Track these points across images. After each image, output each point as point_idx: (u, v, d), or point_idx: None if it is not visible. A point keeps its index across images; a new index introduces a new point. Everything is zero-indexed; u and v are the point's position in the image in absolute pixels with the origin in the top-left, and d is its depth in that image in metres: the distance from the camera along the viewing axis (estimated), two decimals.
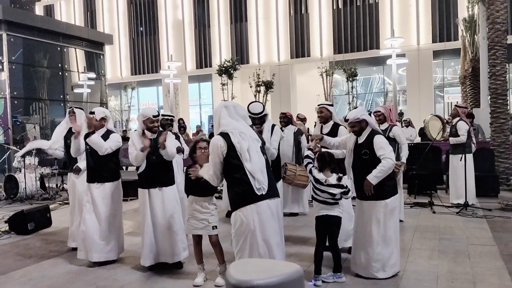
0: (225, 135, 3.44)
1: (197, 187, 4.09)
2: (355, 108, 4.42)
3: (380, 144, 4.08)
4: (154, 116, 4.61)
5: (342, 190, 3.94)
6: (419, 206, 7.40)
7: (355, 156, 4.27)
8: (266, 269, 2.54)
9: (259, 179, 3.33)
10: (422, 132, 12.13)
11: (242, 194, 3.35)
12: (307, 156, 4.16)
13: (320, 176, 3.99)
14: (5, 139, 12.91)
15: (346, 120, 4.31)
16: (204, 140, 4.21)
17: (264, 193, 3.34)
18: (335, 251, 4.06)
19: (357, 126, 4.19)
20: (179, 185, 5.10)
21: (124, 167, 14.49)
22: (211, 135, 13.88)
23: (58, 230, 6.58)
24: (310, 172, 4.04)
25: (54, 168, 10.59)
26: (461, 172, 7.16)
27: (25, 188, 9.40)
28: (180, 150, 5.78)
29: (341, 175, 4.01)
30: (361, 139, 4.23)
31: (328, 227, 4.04)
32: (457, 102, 9.38)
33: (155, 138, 4.57)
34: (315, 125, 10.48)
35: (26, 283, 4.42)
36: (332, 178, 3.97)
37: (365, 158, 4.13)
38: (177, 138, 5.90)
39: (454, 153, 7.43)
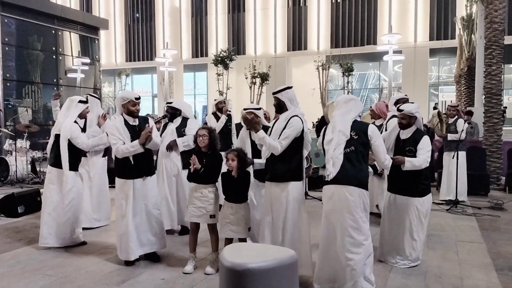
0: (326, 126, 3.88)
1: (198, 175, 4.09)
2: (412, 102, 4.55)
3: (425, 144, 4.26)
4: (136, 99, 4.36)
5: None
6: None
7: (396, 152, 4.36)
8: (260, 253, 2.56)
9: (327, 168, 3.67)
10: None
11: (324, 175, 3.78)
12: None
13: None
14: None
15: (399, 110, 4.40)
16: (205, 127, 4.20)
17: (329, 179, 3.68)
18: None
19: (407, 120, 4.34)
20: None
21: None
22: (205, 124, 13.81)
23: None
24: None
25: (45, 152, 10.50)
26: (454, 169, 7.27)
27: (16, 171, 9.33)
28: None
29: None
30: (405, 135, 4.36)
31: None
32: (451, 101, 9.40)
33: (138, 125, 4.39)
34: (316, 123, 10.33)
35: (15, 266, 4.40)
36: None
37: (410, 155, 4.25)
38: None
39: (449, 150, 7.54)
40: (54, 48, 15.37)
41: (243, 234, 4.09)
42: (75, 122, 4.97)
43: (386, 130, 5.19)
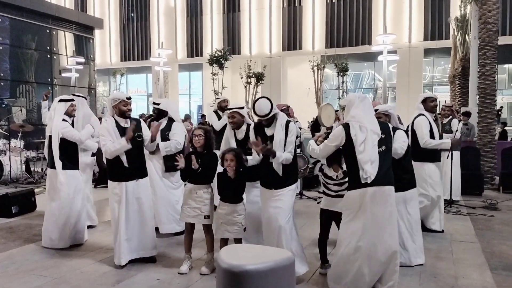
0: (346, 126, 3.63)
1: (194, 175, 4.09)
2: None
3: (399, 136, 4.28)
4: (127, 99, 4.34)
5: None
6: None
7: None
8: (257, 254, 2.55)
9: (367, 170, 3.46)
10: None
11: (354, 178, 3.56)
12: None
13: (331, 172, 4.03)
14: None
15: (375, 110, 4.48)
16: (200, 128, 4.21)
17: (369, 182, 3.46)
18: None
19: (383, 118, 4.39)
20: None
21: None
22: (201, 124, 13.81)
23: (43, 214, 6.47)
24: (321, 169, 4.11)
25: (39, 152, 10.46)
26: (448, 169, 7.30)
27: (10, 171, 9.28)
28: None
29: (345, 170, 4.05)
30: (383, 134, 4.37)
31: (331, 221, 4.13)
32: (445, 102, 9.45)
33: (129, 127, 4.33)
34: (311, 123, 10.32)
35: (9, 266, 4.38)
36: (340, 174, 4.01)
37: None
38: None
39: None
40: (48, 48, 15.30)
41: (239, 235, 4.08)
42: (64, 120, 4.94)
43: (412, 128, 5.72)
